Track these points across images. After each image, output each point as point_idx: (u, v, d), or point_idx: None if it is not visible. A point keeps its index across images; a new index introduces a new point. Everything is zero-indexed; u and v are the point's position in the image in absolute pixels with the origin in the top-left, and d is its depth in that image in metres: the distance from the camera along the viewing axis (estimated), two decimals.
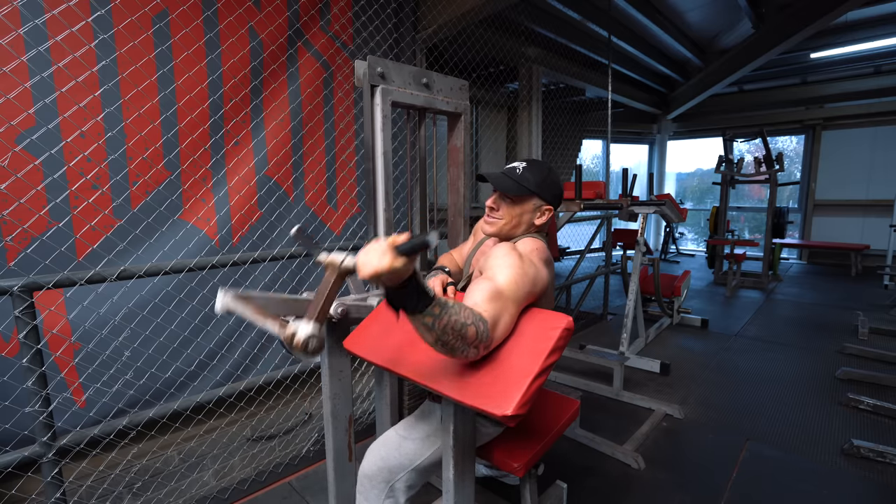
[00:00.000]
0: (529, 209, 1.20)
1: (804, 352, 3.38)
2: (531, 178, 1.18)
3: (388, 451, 1.22)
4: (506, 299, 0.97)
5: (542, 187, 1.19)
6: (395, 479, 1.21)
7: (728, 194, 5.66)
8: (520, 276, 1.01)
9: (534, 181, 1.18)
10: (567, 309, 4.17)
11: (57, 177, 1.75)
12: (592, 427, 2.26)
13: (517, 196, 1.18)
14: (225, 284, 2.23)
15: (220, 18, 2.10)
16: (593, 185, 2.85)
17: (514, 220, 1.20)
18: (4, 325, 1.68)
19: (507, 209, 1.19)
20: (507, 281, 0.99)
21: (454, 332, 0.83)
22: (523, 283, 1.01)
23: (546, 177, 1.20)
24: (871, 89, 6.57)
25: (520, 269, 1.02)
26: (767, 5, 5.04)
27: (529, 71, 4.72)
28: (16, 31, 1.60)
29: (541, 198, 1.20)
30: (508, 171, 1.20)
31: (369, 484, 1.24)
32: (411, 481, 1.22)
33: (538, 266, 1.08)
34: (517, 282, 1.00)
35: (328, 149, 2.59)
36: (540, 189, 1.18)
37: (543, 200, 1.20)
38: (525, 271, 1.02)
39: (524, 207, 1.19)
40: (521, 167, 1.20)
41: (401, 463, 1.20)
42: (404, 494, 1.23)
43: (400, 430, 1.26)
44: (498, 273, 1.01)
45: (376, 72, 1.44)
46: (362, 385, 2.68)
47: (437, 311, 0.81)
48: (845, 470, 1.96)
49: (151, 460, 1.99)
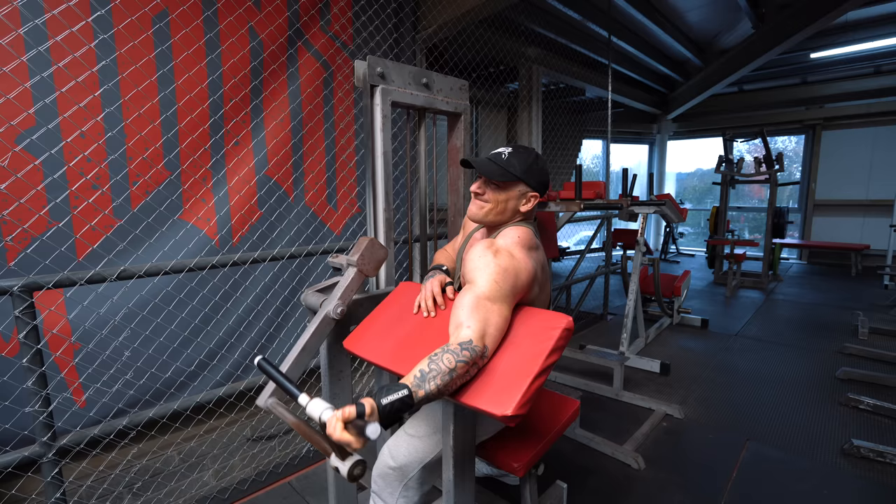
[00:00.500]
0: (515, 195, 1.18)
1: (804, 352, 3.38)
2: (517, 163, 1.16)
3: (398, 450, 1.23)
4: (490, 303, 0.98)
5: (527, 173, 1.16)
6: (408, 477, 1.21)
7: (728, 194, 5.66)
8: (498, 273, 1.01)
9: (519, 167, 1.15)
10: (567, 309, 4.17)
11: (57, 177, 1.75)
12: (592, 427, 2.26)
13: (502, 182, 1.16)
14: (225, 284, 2.23)
15: (220, 18, 2.10)
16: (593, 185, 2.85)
17: (499, 205, 1.18)
18: (4, 325, 1.68)
19: (492, 194, 1.18)
20: (487, 283, 1.00)
21: (448, 381, 0.89)
22: (504, 279, 1.01)
23: (532, 163, 1.17)
24: (871, 89, 6.57)
25: (496, 267, 1.01)
26: (767, 5, 5.04)
27: (529, 71, 4.72)
28: (16, 31, 1.60)
29: (526, 184, 1.17)
30: (494, 156, 1.18)
31: (383, 483, 1.25)
32: (423, 478, 1.23)
33: (519, 256, 1.07)
34: (497, 280, 1.00)
35: (328, 149, 2.59)
36: (526, 175, 1.16)
37: (529, 187, 1.18)
38: (504, 267, 1.02)
39: (509, 193, 1.17)
40: (506, 153, 1.18)
41: (411, 461, 1.21)
42: (417, 491, 1.24)
43: (408, 429, 1.26)
44: (477, 277, 1.02)
45: (376, 72, 1.43)
46: (362, 385, 2.68)
47: (422, 393, 0.87)
48: (845, 470, 1.96)
49: (151, 460, 1.98)
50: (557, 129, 5.80)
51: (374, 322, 1.29)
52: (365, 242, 1.31)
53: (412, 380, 0.88)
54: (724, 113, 7.91)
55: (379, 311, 1.33)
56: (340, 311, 1.28)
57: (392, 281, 1.62)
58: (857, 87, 6.69)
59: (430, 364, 0.89)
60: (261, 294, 2.37)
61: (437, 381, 0.87)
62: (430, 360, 0.90)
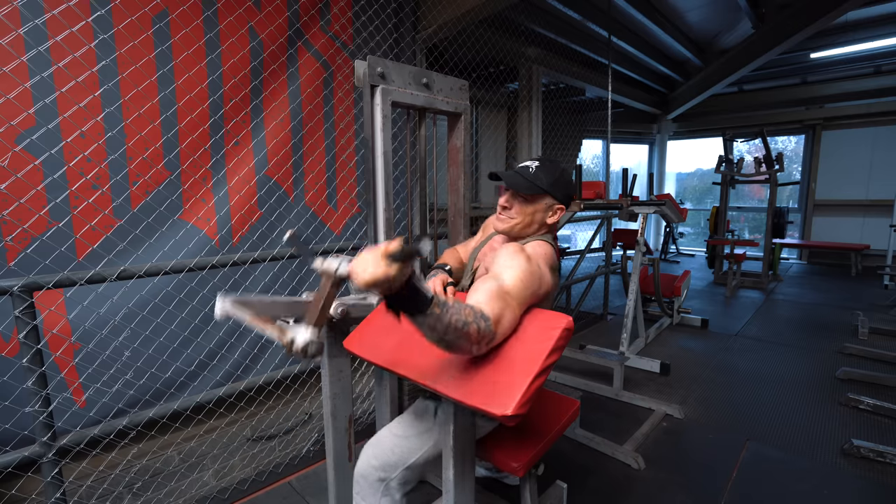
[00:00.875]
0: (542, 208, 1.21)
1: (804, 352, 3.38)
2: (544, 177, 1.18)
3: (382, 450, 1.23)
4: (510, 298, 0.97)
5: (554, 186, 1.19)
6: (390, 477, 1.21)
7: (728, 194, 5.66)
8: (526, 275, 1.01)
9: (546, 180, 1.18)
10: (567, 309, 4.17)
11: (57, 177, 1.75)
12: (592, 427, 2.26)
13: (530, 195, 1.18)
14: (225, 284, 2.23)
15: (220, 18, 2.10)
16: (593, 185, 2.85)
17: (526, 218, 1.20)
18: (4, 325, 1.68)
19: (519, 208, 1.20)
20: (513, 280, 1.00)
21: (456, 330, 0.84)
22: (529, 282, 1.01)
23: (559, 176, 1.20)
24: (871, 89, 6.56)
25: (527, 269, 1.02)
26: (767, 5, 5.04)
27: (529, 71, 4.72)
28: (16, 31, 1.60)
29: (553, 197, 1.20)
30: (521, 169, 1.21)
31: (365, 483, 1.24)
32: (406, 478, 1.23)
33: (544, 270, 1.09)
34: (523, 280, 1.00)
35: (328, 149, 2.59)
36: (553, 188, 1.19)
37: (556, 199, 1.21)
38: (532, 271, 1.03)
39: (537, 206, 1.20)
40: (533, 166, 1.20)
41: (395, 461, 1.21)
42: (399, 491, 1.24)
43: (393, 429, 1.26)
44: (504, 272, 1.02)
45: (376, 72, 1.44)
46: (362, 385, 2.68)
47: (438, 311, 0.80)
48: (845, 470, 1.96)
49: (151, 460, 1.98)
50: (557, 129, 5.80)
51: (374, 322, 1.29)
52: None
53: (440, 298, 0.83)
54: (724, 113, 7.91)
55: (379, 312, 1.33)
56: (340, 311, 1.28)
57: None
58: (856, 87, 6.69)
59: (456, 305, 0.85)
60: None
61: (452, 318, 0.82)
62: (456, 303, 0.86)
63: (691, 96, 6.95)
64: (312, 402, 2.52)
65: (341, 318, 1.29)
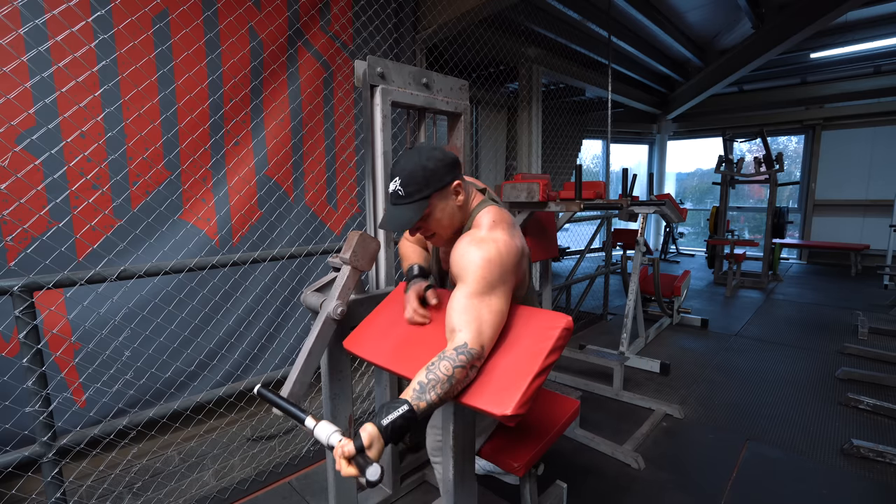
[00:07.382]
0: (441, 206, 1.11)
1: (804, 352, 3.38)
2: (413, 186, 1.07)
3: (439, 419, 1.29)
4: (479, 300, 0.97)
5: (429, 184, 1.08)
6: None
7: (728, 194, 5.66)
8: (483, 267, 0.99)
9: (417, 187, 1.07)
10: (567, 309, 4.17)
11: (57, 177, 1.75)
12: (592, 427, 2.26)
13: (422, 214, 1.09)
14: (225, 284, 2.23)
15: (220, 18, 2.10)
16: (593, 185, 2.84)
17: (444, 222, 1.13)
18: (4, 325, 1.68)
19: (427, 225, 1.13)
20: (474, 280, 0.99)
21: (450, 388, 0.89)
22: (489, 270, 0.99)
23: (422, 169, 1.08)
24: (870, 89, 6.57)
25: (480, 261, 1.00)
26: (767, 5, 5.04)
27: (529, 71, 4.72)
28: (16, 31, 1.60)
29: (437, 190, 1.09)
30: (394, 198, 1.10)
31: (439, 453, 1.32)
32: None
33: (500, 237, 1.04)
34: (483, 276, 0.99)
35: (328, 149, 2.60)
36: (429, 186, 1.08)
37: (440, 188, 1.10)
38: (487, 258, 1.00)
39: (436, 210, 1.11)
40: (398, 187, 1.09)
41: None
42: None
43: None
44: (464, 275, 1.01)
45: (376, 72, 1.44)
46: (362, 385, 2.68)
47: (424, 405, 0.86)
48: (845, 470, 1.96)
49: (151, 460, 1.98)
50: (557, 129, 5.80)
51: (374, 322, 1.29)
52: (355, 237, 1.30)
53: (412, 393, 0.87)
54: (724, 113, 7.91)
55: (378, 311, 1.33)
56: (340, 311, 1.29)
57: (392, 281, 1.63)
58: (856, 87, 6.70)
59: (428, 374, 0.89)
60: (261, 294, 2.37)
61: (438, 391, 0.87)
62: (427, 371, 0.89)
63: (691, 96, 6.95)
64: (312, 403, 2.52)
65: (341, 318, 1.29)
